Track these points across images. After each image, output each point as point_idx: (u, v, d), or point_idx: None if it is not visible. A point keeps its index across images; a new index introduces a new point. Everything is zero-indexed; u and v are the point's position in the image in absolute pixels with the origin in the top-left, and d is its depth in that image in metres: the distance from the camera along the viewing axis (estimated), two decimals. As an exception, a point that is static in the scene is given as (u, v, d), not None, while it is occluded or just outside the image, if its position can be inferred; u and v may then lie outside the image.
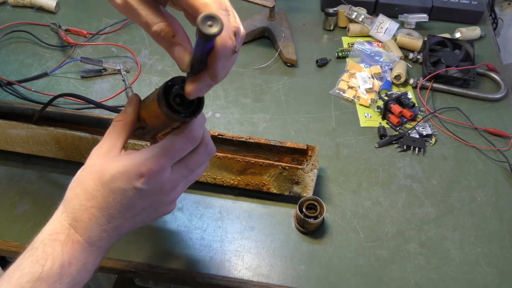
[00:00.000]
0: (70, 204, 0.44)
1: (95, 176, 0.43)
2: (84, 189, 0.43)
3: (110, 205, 0.43)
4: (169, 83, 0.41)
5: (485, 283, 0.64)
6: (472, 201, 0.73)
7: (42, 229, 0.45)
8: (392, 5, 1.02)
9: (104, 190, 0.43)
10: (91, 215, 0.43)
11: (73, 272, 0.43)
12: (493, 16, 1.15)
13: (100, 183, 0.43)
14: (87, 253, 0.44)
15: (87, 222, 0.43)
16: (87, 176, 0.44)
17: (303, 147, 0.69)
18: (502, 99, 0.88)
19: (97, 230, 0.44)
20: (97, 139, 0.68)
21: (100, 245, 0.45)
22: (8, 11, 1.01)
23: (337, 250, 0.66)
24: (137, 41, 0.96)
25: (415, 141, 0.79)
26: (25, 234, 0.65)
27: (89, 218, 0.43)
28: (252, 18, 0.97)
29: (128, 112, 0.46)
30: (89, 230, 0.43)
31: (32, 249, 0.43)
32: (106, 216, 0.43)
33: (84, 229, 0.43)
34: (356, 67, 0.91)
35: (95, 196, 0.43)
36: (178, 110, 0.41)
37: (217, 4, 0.36)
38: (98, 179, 0.43)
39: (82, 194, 0.43)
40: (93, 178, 0.43)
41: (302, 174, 0.66)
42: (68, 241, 0.43)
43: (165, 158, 0.43)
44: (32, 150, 0.70)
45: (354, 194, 0.72)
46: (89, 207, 0.43)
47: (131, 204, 0.44)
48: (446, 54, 0.90)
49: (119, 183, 0.42)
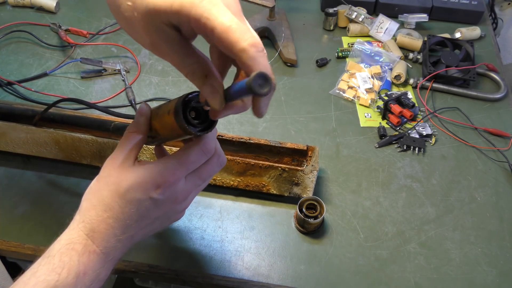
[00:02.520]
0: (87, 214, 0.44)
1: (111, 187, 0.44)
2: (101, 200, 0.44)
3: (126, 215, 0.44)
4: (186, 98, 0.41)
5: (485, 283, 0.64)
6: (472, 201, 0.73)
7: (59, 238, 0.45)
8: (392, 5, 1.02)
9: (121, 201, 0.44)
10: (108, 225, 0.44)
11: (87, 282, 0.44)
12: (493, 16, 1.16)
13: (117, 194, 0.44)
14: (101, 263, 0.45)
15: (103, 233, 0.44)
16: (104, 187, 0.44)
17: (303, 148, 0.69)
18: (502, 99, 0.88)
19: (113, 240, 0.45)
20: (96, 140, 0.68)
21: (114, 255, 0.46)
22: (8, 11, 1.01)
23: (337, 250, 0.66)
24: (137, 41, 0.96)
25: (415, 141, 0.79)
26: (25, 234, 0.65)
27: (106, 228, 0.44)
28: (252, 18, 0.97)
29: (140, 123, 0.47)
30: (105, 240, 0.44)
31: (48, 257, 0.44)
32: (122, 227, 0.44)
33: (100, 239, 0.44)
34: (356, 67, 0.91)
35: (112, 207, 0.44)
36: (194, 124, 0.42)
37: (255, 49, 0.35)
38: (115, 190, 0.44)
39: (99, 205, 0.44)
40: (110, 189, 0.44)
41: (302, 176, 0.66)
42: (85, 251, 0.44)
43: (181, 170, 0.44)
44: (32, 151, 0.70)
45: (354, 194, 0.72)
46: (106, 218, 0.44)
47: (146, 214, 0.45)
48: (446, 54, 0.90)
49: (136, 194, 0.43)
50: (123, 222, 0.44)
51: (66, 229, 0.46)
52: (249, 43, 0.35)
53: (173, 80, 0.89)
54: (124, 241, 0.45)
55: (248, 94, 0.35)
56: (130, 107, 0.83)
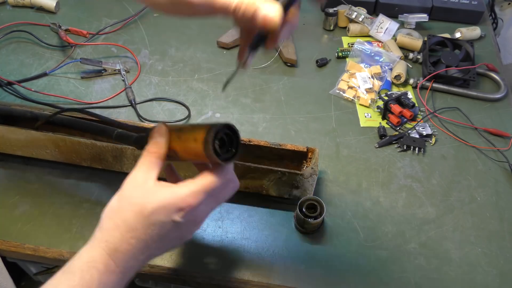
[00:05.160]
0: (111, 234, 0.45)
1: (135, 208, 0.45)
2: (125, 220, 0.45)
3: (148, 236, 0.45)
4: (216, 131, 0.44)
5: (485, 283, 0.64)
6: (472, 201, 0.73)
7: (79, 254, 0.46)
8: (392, 5, 1.02)
9: (145, 223, 0.45)
10: (130, 246, 0.45)
11: None
12: (493, 16, 1.15)
13: (142, 215, 0.45)
14: (120, 283, 0.46)
15: (125, 253, 0.45)
16: (127, 208, 0.45)
17: (303, 150, 0.69)
18: (502, 99, 0.88)
19: (133, 261, 0.46)
20: (96, 144, 0.67)
21: (131, 274, 0.47)
22: (8, 11, 1.01)
23: (337, 250, 0.66)
24: (137, 41, 0.96)
25: (415, 141, 0.79)
26: (25, 234, 0.65)
27: (127, 249, 0.45)
28: (252, 18, 0.97)
29: (161, 144, 0.48)
30: (125, 261, 0.45)
31: (69, 273, 0.44)
32: (143, 247, 0.46)
33: (122, 260, 0.45)
34: (356, 67, 0.91)
35: (135, 228, 0.45)
36: (219, 153, 0.45)
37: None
38: (140, 211, 0.45)
39: (123, 225, 0.45)
40: (133, 210, 0.45)
41: (302, 179, 0.66)
42: (106, 271, 0.44)
43: (204, 195, 0.46)
44: (32, 153, 0.70)
45: (354, 194, 0.72)
46: (129, 238, 0.45)
47: (166, 235, 0.46)
48: (446, 54, 0.90)
49: (160, 216, 0.45)
50: (145, 243, 0.46)
51: (86, 246, 0.46)
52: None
53: (173, 80, 0.89)
54: (142, 261, 0.47)
55: None
56: (130, 107, 0.83)
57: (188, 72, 0.91)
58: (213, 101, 0.85)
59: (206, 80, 0.89)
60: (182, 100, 0.84)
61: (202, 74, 0.90)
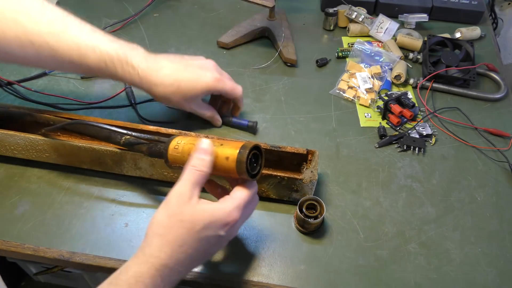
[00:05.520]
0: (162, 250, 0.47)
1: (187, 225, 0.48)
2: (177, 237, 0.48)
3: (195, 251, 0.48)
4: (248, 153, 0.50)
5: (485, 283, 0.64)
6: (472, 201, 0.73)
7: (125, 267, 0.48)
8: (392, 5, 1.02)
9: (195, 238, 0.48)
10: (178, 261, 0.48)
11: None
12: (493, 16, 1.16)
13: (193, 231, 0.48)
14: None
15: (172, 269, 0.48)
16: (179, 225, 0.48)
17: (303, 152, 0.68)
18: (502, 99, 0.88)
19: (176, 275, 0.49)
20: (95, 149, 0.67)
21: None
22: (8, 11, 1.01)
23: (337, 250, 0.66)
24: (137, 41, 0.95)
25: (415, 141, 0.79)
26: (25, 234, 0.65)
27: (176, 264, 0.48)
28: (252, 18, 0.97)
29: (207, 163, 0.51)
30: (171, 275, 0.48)
31: (115, 286, 0.46)
32: (188, 262, 0.49)
33: (168, 275, 0.47)
34: (356, 67, 0.91)
35: (186, 243, 0.48)
36: (249, 170, 0.51)
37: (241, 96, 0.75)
38: (191, 228, 0.48)
39: (174, 242, 0.47)
40: (185, 227, 0.48)
41: (301, 184, 0.66)
42: (152, 286, 0.46)
43: (241, 210, 0.51)
44: (32, 156, 0.70)
45: (354, 194, 0.72)
46: (179, 253, 0.48)
47: (210, 249, 0.51)
48: (446, 54, 0.90)
49: (208, 231, 0.48)
50: (190, 257, 0.48)
51: (133, 259, 0.48)
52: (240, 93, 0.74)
53: (173, 80, 0.89)
54: (183, 274, 0.50)
55: None
56: (130, 107, 0.83)
57: (188, 72, 0.90)
58: (213, 101, 0.85)
59: (206, 80, 0.89)
60: (182, 100, 0.84)
61: (202, 74, 0.90)
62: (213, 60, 0.74)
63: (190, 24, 1.01)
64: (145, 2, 1.02)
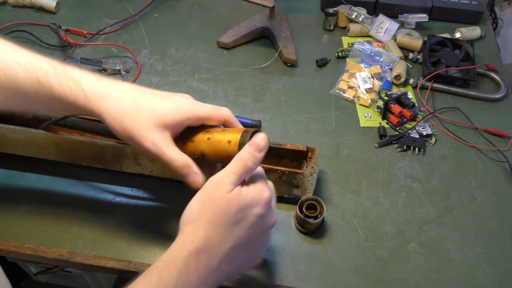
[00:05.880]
0: (196, 234, 0.45)
1: (222, 208, 0.46)
2: (210, 219, 0.45)
3: (233, 235, 0.46)
4: (251, 135, 0.49)
5: (485, 283, 0.64)
6: (472, 201, 0.73)
7: (159, 258, 0.45)
8: (392, 5, 1.02)
9: (230, 221, 0.45)
10: (213, 244, 0.45)
11: None
12: (493, 16, 1.15)
13: (228, 213, 0.45)
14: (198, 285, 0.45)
15: (209, 253, 0.45)
16: (213, 209, 0.46)
17: (303, 149, 0.69)
18: (502, 99, 0.88)
19: (216, 261, 0.46)
20: (96, 143, 0.67)
21: (212, 280, 0.46)
22: (8, 11, 1.01)
23: (337, 250, 0.66)
24: (137, 41, 0.96)
25: (415, 141, 0.79)
26: (25, 234, 0.65)
27: (211, 247, 0.45)
28: (252, 18, 0.97)
29: (257, 161, 0.47)
30: (209, 261, 0.45)
31: (147, 273, 0.44)
32: (229, 248, 0.46)
33: (204, 259, 0.45)
34: (356, 67, 0.91)
35: (222, 225, 0.45)
36: None
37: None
38: (227, 209, 0.45)
39: (208, 224, 0.45)
40: (219, 211, 0.46)
41: (302, 178, 0.66)
42: (185, 269, 0.44)
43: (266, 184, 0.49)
44: (32, 153, 0.70)
45: (354, 194, 0.72)
46: (214, 235, 0.45)
47: (251, 234, 0.47)
48: (446, 54, 0.90)
49: (246, 212, 0.46)
50: (229, 241, 0.45)
51: (166, 252, 0.45)
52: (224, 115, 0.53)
53: (173, 80, 0.89)
54: (224, 262, 0.46)
55: None
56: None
57: (188, 72, 0.91)
58: (213, 101, 0.85)
59: (206, 80, 0.89)
60: (182, 100, 0.84)
61: (202, 74, 0.90)
62: (212, 59, 0.72)
63: (190, 24, 1.01)
64: (145, 2, 1.02)
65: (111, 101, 0.48)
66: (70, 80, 0.49)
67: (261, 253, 0.51)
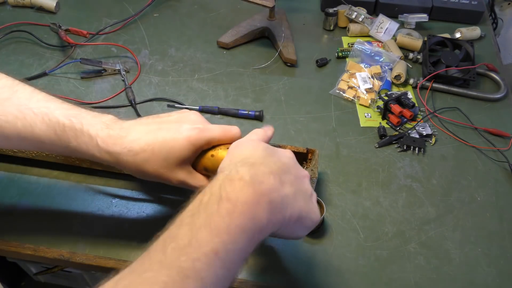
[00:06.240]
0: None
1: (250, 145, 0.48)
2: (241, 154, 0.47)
3: (268, 164, 0.44)
4: None
5: (485, 283, 0.64)
6: (472, 201, 0.73)
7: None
8: (392, 5, 1.02)
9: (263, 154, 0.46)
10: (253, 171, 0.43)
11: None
12: (493, 16, 1.16)
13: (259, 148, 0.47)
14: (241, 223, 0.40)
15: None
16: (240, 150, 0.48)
17: (303, 151, 0.68)
18: (502, 99, 0.88)
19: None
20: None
21: (271, 196, 0.41)
22: (8, 11, 1.01)
23: (337, 250, 0.66)
24: (137, 41, 0.96)
25: (415, 141, 0.79)
26: (25, 234, 0.65)
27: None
28: (252, 18, 0.97)
29: (271, 132, 0.54)
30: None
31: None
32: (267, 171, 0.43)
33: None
34: (356, 67, 0.91)
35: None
36: None
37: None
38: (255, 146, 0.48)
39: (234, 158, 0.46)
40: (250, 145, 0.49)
41: None
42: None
43: None
44: (32, 155, 0.70)
45: (354, 194, 0.72)
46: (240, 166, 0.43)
47: (287, 169, 0.46)
48: (446, 54, 0.90)
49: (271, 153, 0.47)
50: (267, 165, 0.43)
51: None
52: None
53: (173, 80, 0.89)
54: (272, 181, 0.42)
55: None
56: (130, 107, 0.83)
57: (188, 72, 0.91)
58: (213, 101, 0.85)
59: (206, 80, 0.89)
60: (182, 100, 0.84)
61: (202, 74, 0.90)
62: (212, 59, 0.72)
63: (190, 24, 1.01)
64: (145, 2, 1.02)
65: (127, 155, 0.51)
66: (86, 138, 0.51)
67: (313, 203, 0.48)
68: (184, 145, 0.51)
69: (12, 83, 0.54)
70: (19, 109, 0.51)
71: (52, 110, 0.51)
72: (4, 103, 0.51)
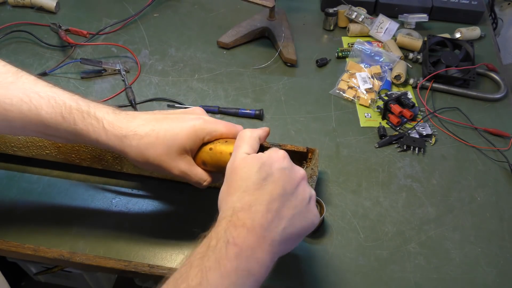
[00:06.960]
0: (234, 200, 0.45)
1: (244, 171, 0.48)
2: (241, 181, 0.47)
3: (264, 190, 0.46)
4: None
5: (485, 283, 0.64)
6: (472, 201, 0.73)
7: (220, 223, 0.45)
8: (392, 5, 1.02)
9: (257, 177, 0.46)
10: (252, 202, 0.45)
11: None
12: (493, 16, 1.16)
13: (252, 173, 0.47)
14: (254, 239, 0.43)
15: (248, 211, 0.44)
16: (237, 176, 0.48)
17: (303, 150, 0.68)
18: (502, 99, 0.88)
19: (261, 219, 0.44)
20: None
21: (271, 237, 0.44)
22: (8, 11, 1.01)
23: (337, 250, 0.66)
24: (137, 41, 0.96)
25: (415, 141, 0.79)
26: (25, 234, 0.65)
27: (250, 205, 0.45)
28: (252, 18, 0.97)
29: (266, 134, 0.54)
30: (252, 217, 0.44)
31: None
32: (267, 200, 0.45)
33: (245, 217, 0.44)
34: (356, 67, 0.91)
35: (250, 183, 0.46)
36: None
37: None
38: (249, 170, 0.47)
39: (239, 187, 0.46)
40: (243, 173, 0.48)
41: None
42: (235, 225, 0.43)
43: None
44: (32, 154, 0.70)
45: (354, 194, 0.72)
46: (246, 196, 0.46)
47: (282, 185, 0.46)
48: (446, 54, 0.90)
49: (265, 168, 0.47)
50: (267, 196, 0.45)
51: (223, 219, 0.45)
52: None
53: (173, 80, 0.89)
54: (270, 219, 0.44)
55: None
56: (130, 107, 0.83)
57: (188, 72, 0.91)
58: (213, 101, 0.85)
59: (206, 80, 0.89)
60: (182, 100, 0.84)
61: (202, 74, 0.90)
62: (213, 59, 0.72)
63: (190, 24, 1.01)
64: (145, 2, 1.02)
65: (132, 139, 0.52)
66: (93, 120, 0.52)
67: (311, 209, 0.49)
68: (188, 133, 0.52)
69: (16, 69, 0.54)
70: (25, 93, 0.51)
71: (59, 94, 0.52)
72: (9, 86, 0.51)
